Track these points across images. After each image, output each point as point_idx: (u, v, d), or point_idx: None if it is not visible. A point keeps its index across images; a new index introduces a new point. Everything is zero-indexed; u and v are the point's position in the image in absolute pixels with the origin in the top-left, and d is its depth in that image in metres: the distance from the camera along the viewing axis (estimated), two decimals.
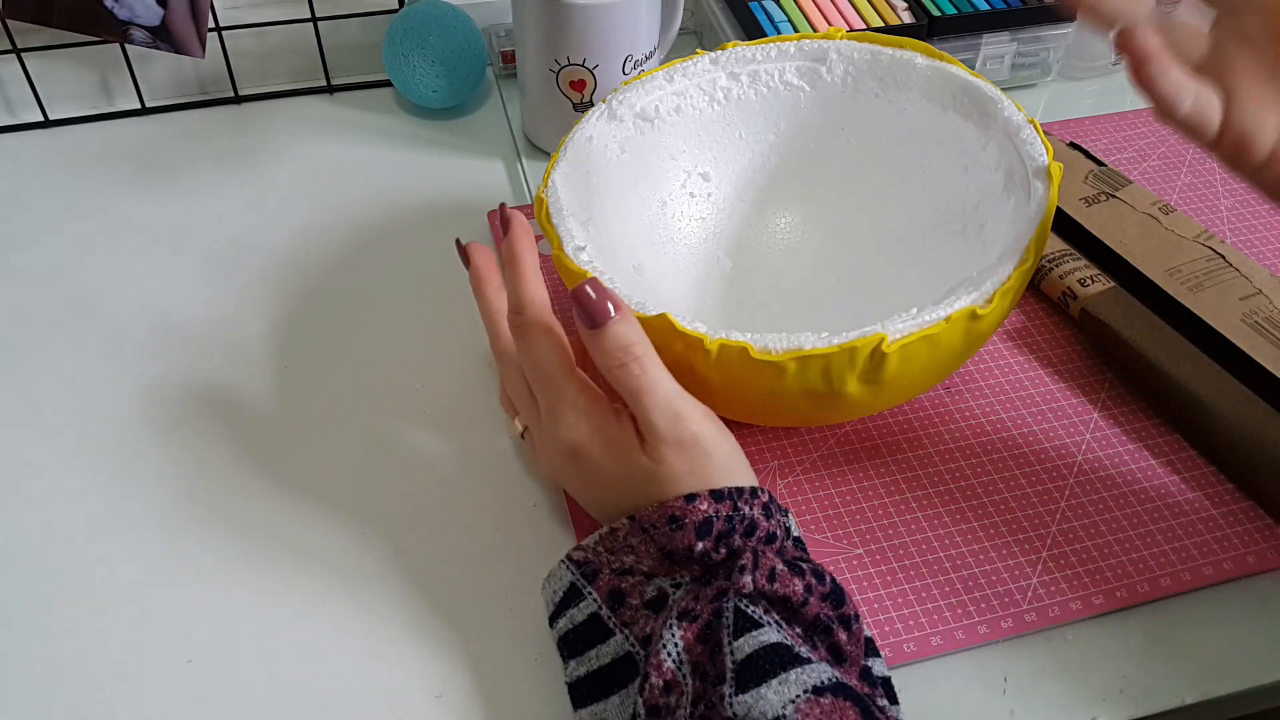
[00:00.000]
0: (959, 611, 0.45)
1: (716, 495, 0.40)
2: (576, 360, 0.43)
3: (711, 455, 0.41)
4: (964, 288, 0.43)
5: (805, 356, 0.41)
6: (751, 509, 0.40)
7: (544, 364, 0.42)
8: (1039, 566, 0.47)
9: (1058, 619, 0.45)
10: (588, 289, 0.40)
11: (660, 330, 0.42)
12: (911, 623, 0.45)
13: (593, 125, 0.52)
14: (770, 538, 0.40)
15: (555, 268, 0.47)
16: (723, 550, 0.39)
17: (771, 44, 0.55)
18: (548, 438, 0.43)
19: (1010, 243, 0.44)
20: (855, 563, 0.47)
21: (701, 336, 0.42)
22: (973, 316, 0.42)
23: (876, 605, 0.45)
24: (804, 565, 0.39)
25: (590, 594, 0.41)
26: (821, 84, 0.55)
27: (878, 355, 0.41)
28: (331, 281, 0.61)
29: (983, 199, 0.51)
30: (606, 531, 0.41)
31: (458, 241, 0.47)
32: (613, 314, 0.40)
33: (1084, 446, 0.52)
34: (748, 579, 0.38)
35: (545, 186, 0.49)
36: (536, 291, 0.43)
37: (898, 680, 0.43)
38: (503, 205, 0.45)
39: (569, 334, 0.43)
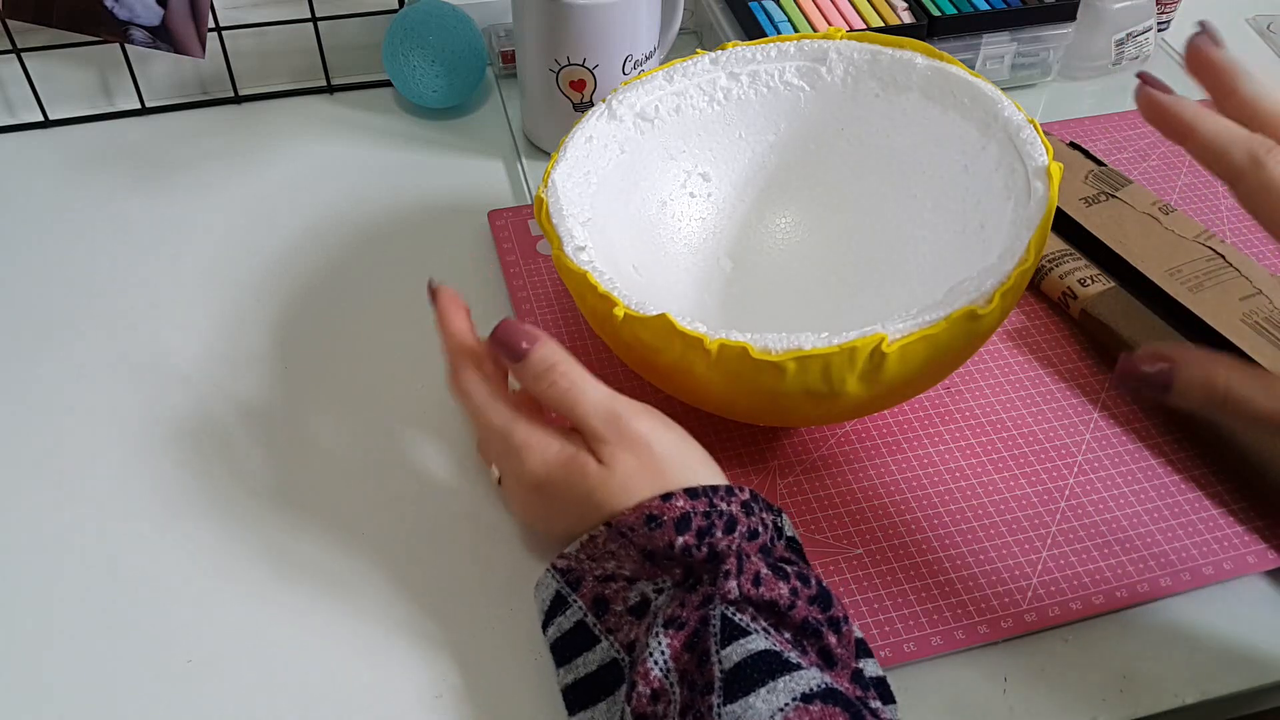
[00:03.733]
0: (959, 611, 0.45)
1: (691, 493, 0.40)
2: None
3: (652, 446, 0.41)
4: (964, 288, 0.43)
5: (805, 356, 0.41)
6: (729, 505, 0.40)
7: (486, 417, 0.43)
8: (1039, 566, 0.47)
9: (1058, 619, 0.45)
10: (499, 331, 0.43)
11: (660, 330, 0.42)
12: (911, 623, 0.45)
13: (592, 125, 0.52)
14: (752, 534, 0.40)
15: (555, 268, 0.48)
16: (704, 548, 0.39)
17: (771, 44, 0.55)
18: (513, 482, 0.44)
19: (1010, 242, 0.44)
20: (855, 563, 0.47)
21: (701, 336, 0.42)
22: (973, 316, 0.42)
23: (876, 605, 0.45)
24: (788, 569, 0.39)
25: (575, 602, 0.41)
26: (821, 84, 0.55)
27: (878, 355, 0.41)
28: (331, 281, 0.61)
29: (982, 199, 0.51)
30: (586, 539, 0.42)
31: (430, 282, 0.47)
32: (529, 345, 0.42)
33: (1084, 446, 0.52)
34: (733, 584, 0.38)
35: (545, 186, 0.49)
36: (467, 353, 0.44)
37: (897, 680, 0.43)
38: (429, 281, 0.46)
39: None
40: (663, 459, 0.41)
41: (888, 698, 0.40)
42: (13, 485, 0.50)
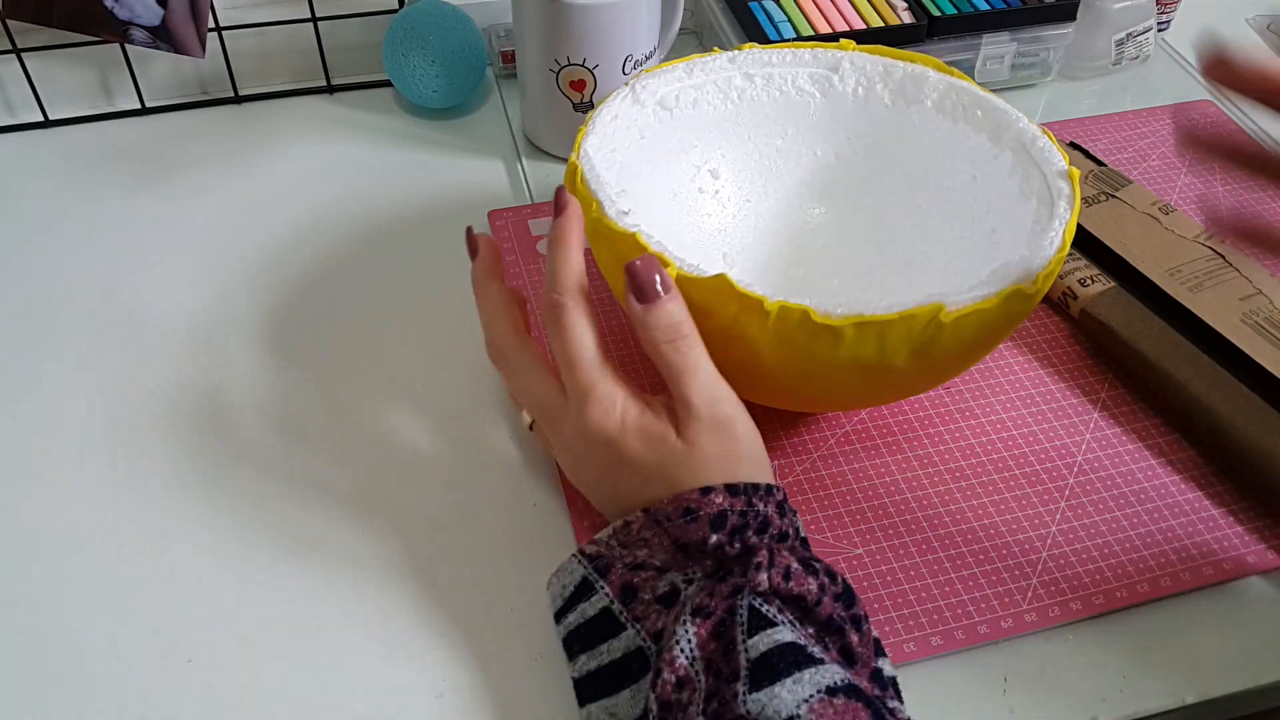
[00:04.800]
0: (959, 611, 0.45)
1: (732, 490, 0.40)
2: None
3: (740, 441, 0.41)
4: (1009, 269, 0.43)
5: (865, 322, 0.41)
6: (766, 506, 0.40)
7: (579, 350, 0.41)
8: (1039, 566, 0.47)
9: (1058, 619, 0.45)
10: (639, 264, 0.40)
11: (717, 292, 0.42)
12: (911, 623, 0.45)
13: (617, 105, 0.52)
14: (782, 536, 0.41)
15: (590, 236, 0.46)
16: (737, 545, 0.39)
17: (787, 49, 0.55)
18: (573, 428, 0.42)
19: (1045, 233, 0.45)
20: (855, 563, 0.47)
21: (761, 298, 0.41)
22: (1020, 296, 0.43)
23: (877, 605, 0.45)
24: (817, 565, 0.40)
25: (602, 588, 0.41)
26: (833, 92, 0.55)
27: (934, 325, 0.41)
28: (331, 281, 0.61)
29: (993, 205, 0.52)
30: (620, 525, 0.41)
31: (469, 230, 0.47)
32: (663, 292, 0.40)
33: (1084, 446, 0.52)
34: (763, 576, 0.38)
35: (578, 153, 0.48)
36: (578, 274, 0.42)
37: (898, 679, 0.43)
38: (561, 189, 0.44)
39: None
40: (745, 455, 0.41)
41: (900, 698, 0.40)
42: (13, 485, 0.50)
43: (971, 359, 0.46)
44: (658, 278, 0.40)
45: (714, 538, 0.39)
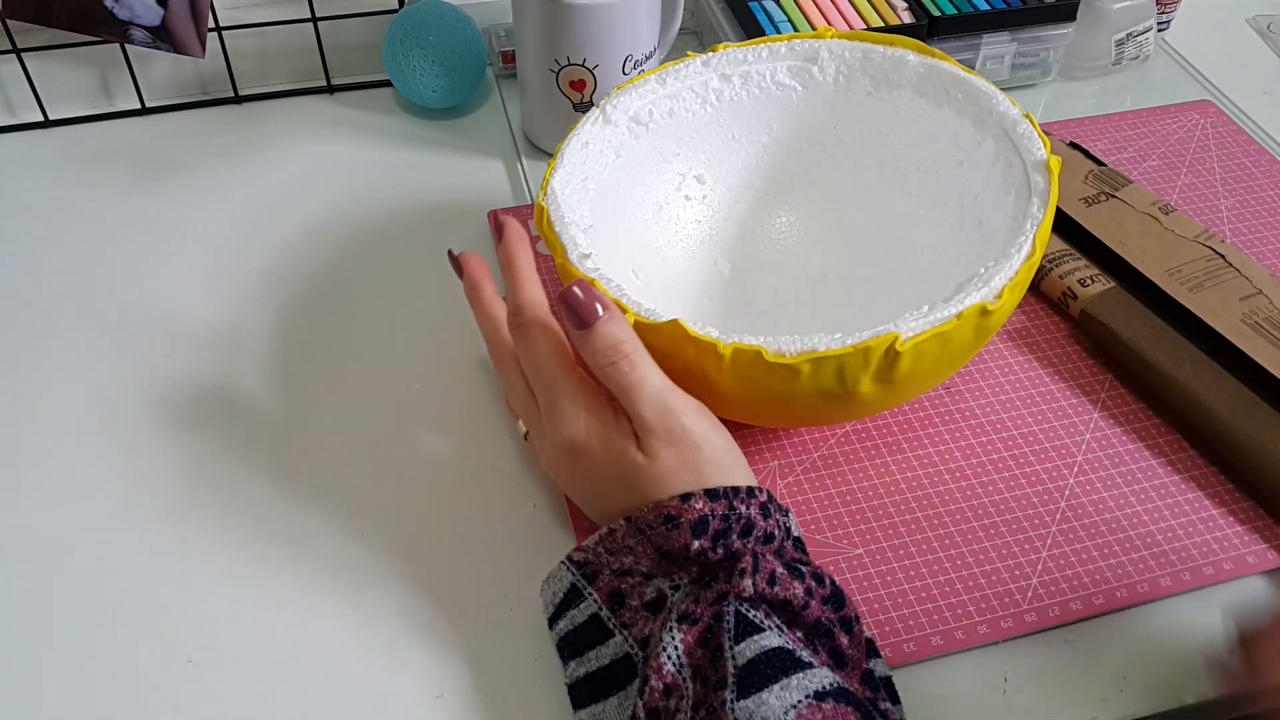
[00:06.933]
0: (959, 611, 0.45)
1: (712, 494, 0.40)
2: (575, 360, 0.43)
3: (702, 448, 0.41)
4: (973, 284, 0.43)
5: (819, 358, 0.41)
6: (748, 508, 0.40)
7: (542, 363, 0.42)
8: (1039, 566, 0.47)
9: (1058, 619, 0.45)
10: (575, 290, 0.41)
11: (672, 337, 0.42)
12: (911, 623, 0.45)
13: (588, 131, 0.52)
14: (768, 538, 0.40)
15: (559, 275, 0.48)
16: (720, 550, 0.39)
17: (763, 44, 0.55)
18: (547, 436, 0.43)
19: (1016, 237, 0.45)
20: (855, 563, 0.47)
21: (715, 341, 0.42)
22: (983, 312, 0.42)
23: (876, 605, 0.45)
24: (804, 568, 0.39)
25: (591, 595, 0.41)
26: (814, 83, 0.55)
27: (891, 354, 0.41)
28: (331, 282, 0.61)
29: (980, 194, 0.51)
30: (605, 532, 0.41)
31: (450, 252, 0.48)
32: (601, 314, 0.40)
33: (1084, 446, 0.52)
34: (748, 582, 0.38)
35: (544, 194, 0.49)
36: (533, 293, 0.43)
37: (898, 680, 0.43)
38: (493, 212, 0.46)
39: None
40: (708, 461, 0.41)
41: (894, 698, 0.40)
42: (11, 484, 0.50)
43: (944, 374, 0.46)
44: (597, 304, 0.41)
45: (696, 544, 0.39)
